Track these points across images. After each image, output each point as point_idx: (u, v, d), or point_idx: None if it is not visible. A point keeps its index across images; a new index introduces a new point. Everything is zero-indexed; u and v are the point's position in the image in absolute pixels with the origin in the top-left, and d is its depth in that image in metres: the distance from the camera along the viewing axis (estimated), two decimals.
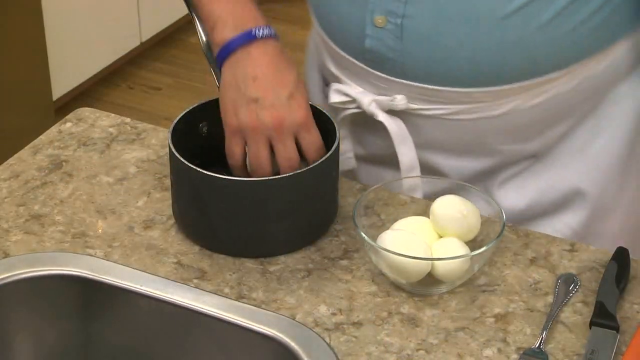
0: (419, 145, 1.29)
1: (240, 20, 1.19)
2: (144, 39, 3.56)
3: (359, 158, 1.37)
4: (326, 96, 1.35)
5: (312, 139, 1.17)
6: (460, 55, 1.21)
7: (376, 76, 1.27)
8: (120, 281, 1.13)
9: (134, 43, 3.53)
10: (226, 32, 1.18)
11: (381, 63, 1.25)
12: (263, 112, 1.15)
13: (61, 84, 3.23)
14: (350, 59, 1.28)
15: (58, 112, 3.12)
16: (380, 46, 1.24)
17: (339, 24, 1.27)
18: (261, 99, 1.15)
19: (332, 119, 1.22)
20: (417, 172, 1.30)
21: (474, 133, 1.28)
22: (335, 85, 1.31)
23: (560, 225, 1.33)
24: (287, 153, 1.16)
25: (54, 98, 3.19)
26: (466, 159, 1.31)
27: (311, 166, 1.18)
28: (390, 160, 1.32)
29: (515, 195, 1.33)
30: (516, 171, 1.33)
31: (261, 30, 1.18)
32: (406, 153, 1.29)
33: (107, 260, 1.18)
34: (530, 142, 1.30)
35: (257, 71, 1.17)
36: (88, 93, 3.41)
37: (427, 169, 1.32)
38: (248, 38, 1.18)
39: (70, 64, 3.24)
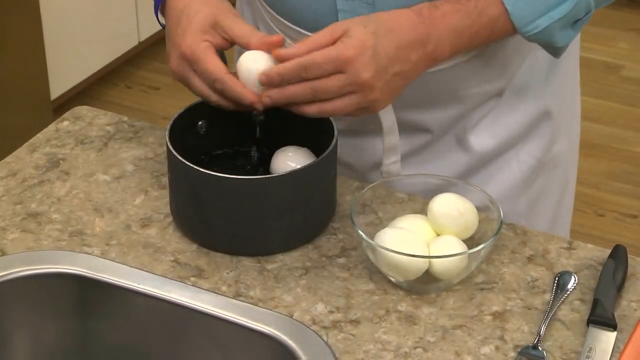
0: (393, 104, 1.30)
1: None
2: (142, 39, 3.56)
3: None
4: None
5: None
6: None
7: None
8: (118, 279, 1.12)
9: (132, 42, 3.53)
10: None
11: None
12: None
13: (59, 84, 3.22)
14: None
15: (56, 112, 3.12)
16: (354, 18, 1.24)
17: (308, 8, 1.28)
18: None
19: (329, 117, 1.22)
20: (396, 133, 1.30)
21: (447, 83, 1.31)
22: None
23: (525, 156, 1.39)
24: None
25: (52, 97, 3.18)
26: (439, 109, 1.34)
27: (309, 164, 1.18)
28: (366, 129, 1.35)
29: (487, 135, 1.37)
30: (485, 112, 1.37)
31: None
32: (387, 115, 1.29)
33: (104, 258, 1.18)
34: (495, 81, 1.34)
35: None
36: (86, 92, 3.41)
37: (404, 126, 1.32)
38: None
39: (68, 64, 3.24)
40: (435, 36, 1.17)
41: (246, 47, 1.19)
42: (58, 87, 3.22)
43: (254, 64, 1.17)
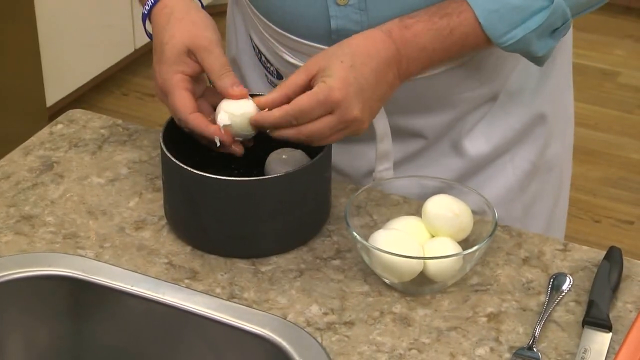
0: (387, 111, 1.30)
1: None
2: (138, 46, 3.56)
3: None
4: (274, 85, 1.38)
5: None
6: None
7: None
8: (111, 281, 1.12)
9: (128, 49, 3.53)
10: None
11: None
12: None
13: (55, 90, 3.22)
14: (315, 44, 1.28)
15: (52, 119, 3.10)
16: (346, 23, 1.24)
17: (300, 15, 1.27)
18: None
19: None
20: (389, 139, 1.30)
21: (439, 88, 1.31)
22: None
23: (519, 161, 1.39)
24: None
25: (48, 104, 3.18)
26: (432, 114, 1.34)
27: (303, 166, 1.18)
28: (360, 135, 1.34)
29: (482, 140, 1.37)
30: (479, 116, 1.37)
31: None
32: (380, 121, 1.29)
33: (98, 260, 1.17)
34: (488, 85, 1.34)
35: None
36: (82, 99, 3.41)
37: (398, 132, 1.32)
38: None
39: (64, 70, 3.24)
40: (406, 56, 1.18)
41: (214, 83, 1.20)
42: (54, 94, 3.22)
43: (228, 111, 1.18)
